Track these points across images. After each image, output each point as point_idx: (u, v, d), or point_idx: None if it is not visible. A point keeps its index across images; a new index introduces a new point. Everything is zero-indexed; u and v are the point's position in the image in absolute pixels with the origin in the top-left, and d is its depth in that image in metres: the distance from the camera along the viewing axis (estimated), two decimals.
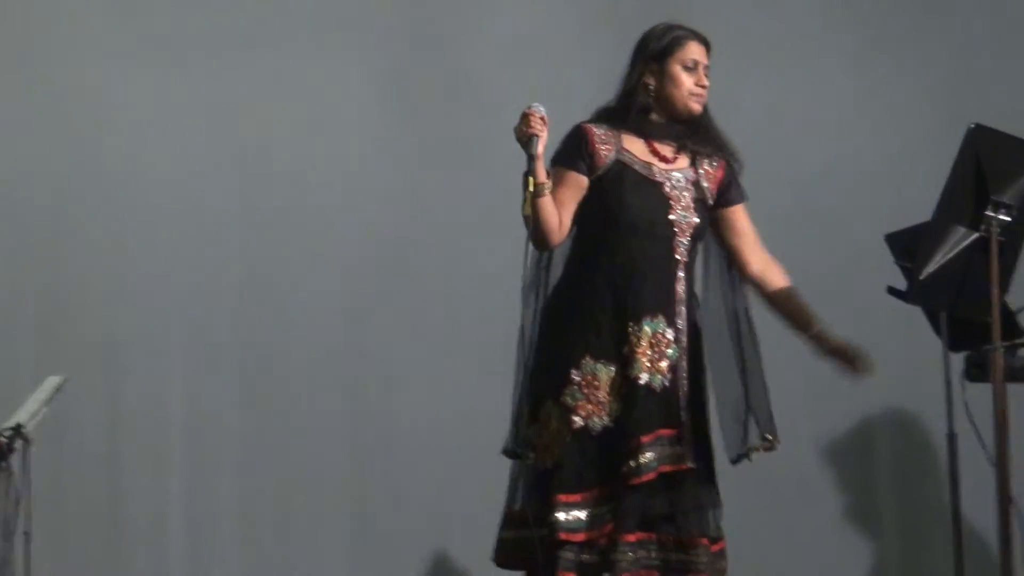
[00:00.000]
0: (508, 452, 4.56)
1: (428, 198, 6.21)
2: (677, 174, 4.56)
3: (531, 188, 4.33)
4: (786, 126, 6.62)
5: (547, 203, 4.40)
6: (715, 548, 4.54)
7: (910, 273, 4.84)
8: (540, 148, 4.35)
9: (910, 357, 6.21)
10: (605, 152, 4.52)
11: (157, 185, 6.27)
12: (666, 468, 4.41)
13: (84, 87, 6.29)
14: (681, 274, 4.52)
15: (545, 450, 4.45)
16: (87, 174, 6.27)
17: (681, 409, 4.47)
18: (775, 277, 4.69)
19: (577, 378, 4.44)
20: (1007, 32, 6.72)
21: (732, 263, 4.69)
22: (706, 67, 4.59)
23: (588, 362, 4.44)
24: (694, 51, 4.58)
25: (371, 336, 6.26)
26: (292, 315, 6.27)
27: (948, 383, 5.52)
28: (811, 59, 6.66)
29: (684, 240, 4.52)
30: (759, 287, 4.69)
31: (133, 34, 6.32)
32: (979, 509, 5.92)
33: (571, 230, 4.53)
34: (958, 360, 5.54)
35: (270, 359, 6.26)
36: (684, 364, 4.50)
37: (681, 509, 4.46)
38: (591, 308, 4.48)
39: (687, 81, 4.56)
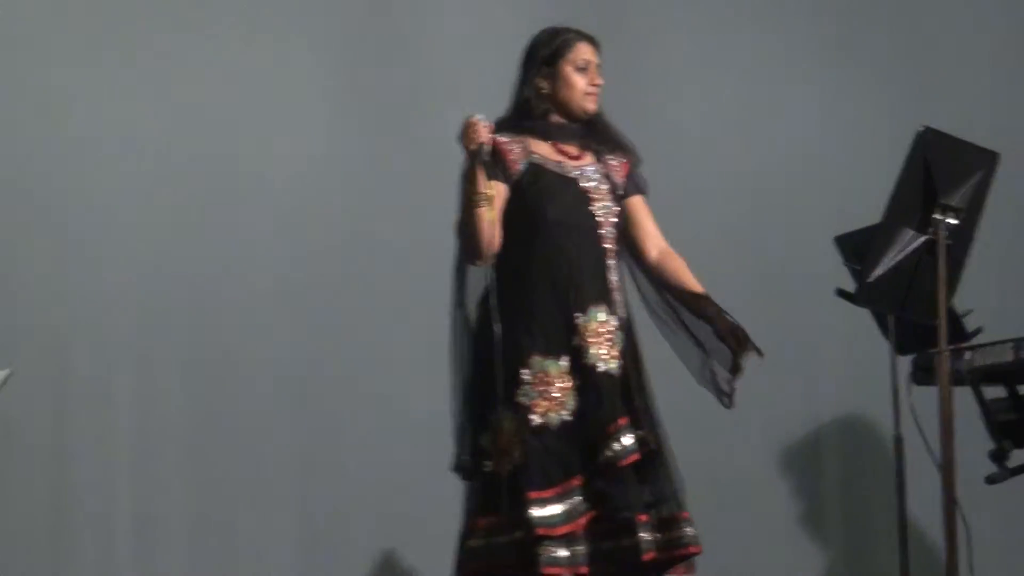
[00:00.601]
0: (457, 468, 4.56)
1: (386, 198, 6.11)
2: (588, 169, 4.64)
3: (489, 191, 4.43)
4: (736, 129, 6.61)
5: (488, 213, 4.47)
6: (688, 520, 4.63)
7: (859, 275, 4.83)
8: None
9: (858, 360, 6.26)
10: (515, 158, 4.58)
11: (108, 180, 6.14)
12: (639, 453, 4.45)
13: (38, 81, 6.16)
14: (611, 263, 4.59)
15: (502, 455, 4.42)
16: (36, 168, 6.14)
17: (633, 394, 4.52)
18: (670, 265, 4.72)
19: (528, 377, 4.45)
20: (957, 37, 6.74)
21: (631, 252, 4.73)
22: (598, 65, 4.67)
23: (537, 360, 4.46)
24: (584, 51, 4.66)
25: (324, 335, 6.17)
26: (243, 312, 6.17)
27: (895, 386, 5.52)
28: (766, 63, 6.65)
29: (609, 230, 4.60)
30: (656, 275, 4.71)
31: (91, 31, 6.20)
32: (925, 511, 5.94)
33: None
34: (905, 363, 5.53)
35: (221, 356, 6.15)
36: (627, 351, 4.55)
37: (660, 489, 4.53)
38: (532, 306, 4.50)
39: (580, 81, 4.64)
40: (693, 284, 4.69)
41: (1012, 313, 6.19)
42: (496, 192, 4.51)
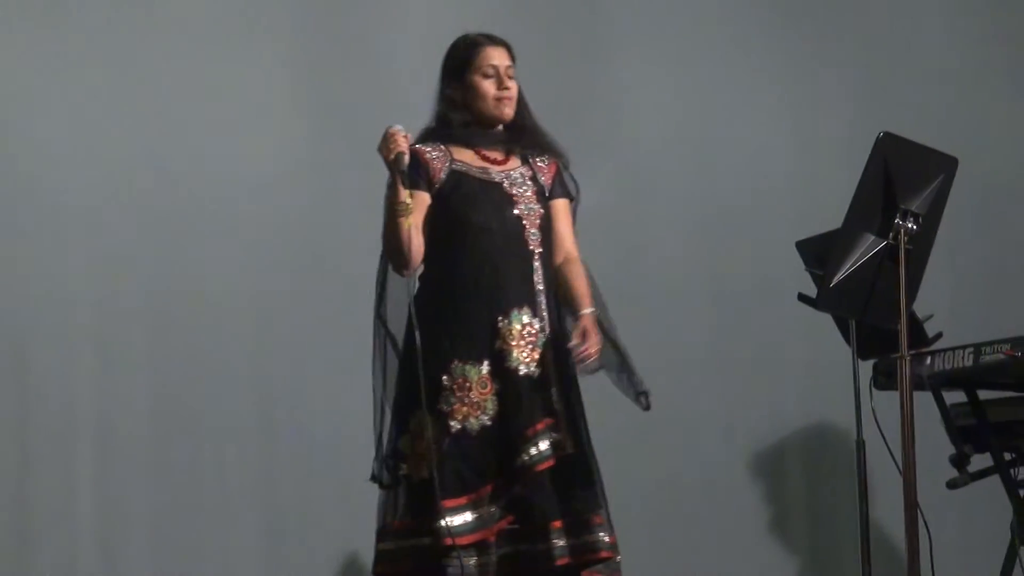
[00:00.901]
0: (375, 479, 4.56)
1: (345, 198, 6.04)
2: (514, 172, 4.63)
3: (408, 200, 4.43)
4: (700, 133, 6.62)
5: (406, 222, 4.47)
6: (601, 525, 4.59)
7: (820, 280, 4.83)
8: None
9: (820, 364, 6.26)
10: (437, 166, 4.58)
11: (66, 182, 6.08)
12: (554, 458, 4.44)
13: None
14: (538, 264, 4.57)
15: (420, 459, 4.44)
16: None
17: (554, 398, 4.49)
18: (567, 272, 4.65)
19: (448, 383, 4.45)
20: (917, 46, 6.78)
21: None
22: (508, 68, 4.63)
23: (457, 365, 4.46)
24: (491, 56, 4.63)
25: (284, 337, 6.14)
26: (204, 314, 6.13)
27: (857, 391, 5.50)
28: (728, 69, 6.66)
29: (534, 231, 4.57)
30: (557, 280, 4.65)
31: (47, 29, 6.14)
32: (887, 513, 6.00)
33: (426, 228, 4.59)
34: (867, 368, 5.55)
35: (181, 357, 6.10)
36: (551, 353, 4.52)
37: (576, 494, 4.50)
38: (455, 311, 4.51)
39: (489, 88, 4.61)
40: (583, 296, 4.60)
41: (972, 318, 6.27)
42: (419, 201, 4.52)
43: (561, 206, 4.68)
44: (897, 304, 4.58)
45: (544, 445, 4.41)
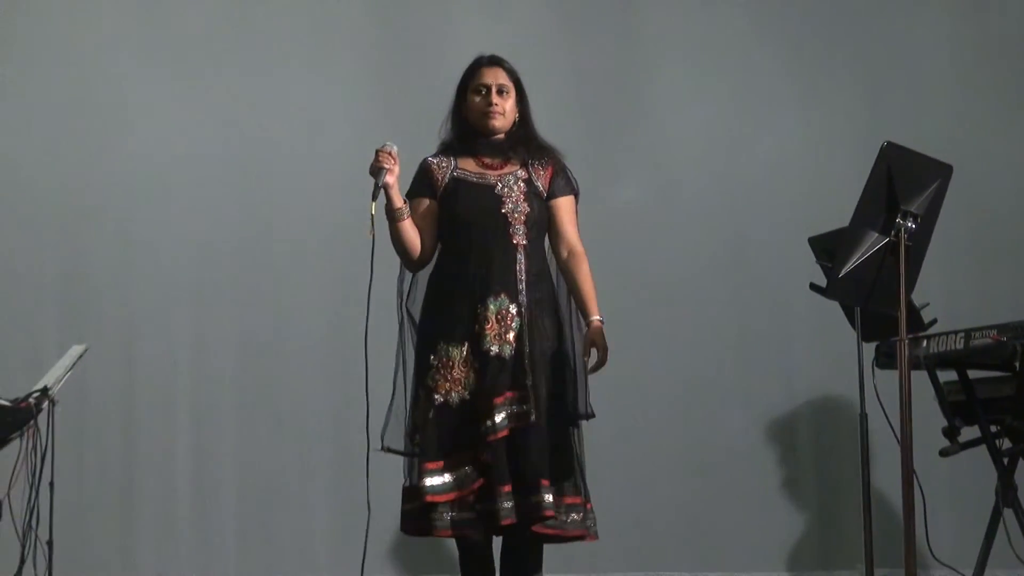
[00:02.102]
0: (387, 448, 4.61)
1: None
2: (509, 176, 4.64)
3: (400, 206, 4.54)
4: (725, 141, 6.62)
5: (406, 226, 4.59)
6: (569, 501, 4.58)
7: (829, 272, 4.82)
8: (389, 179, 4.52)
9: (828, 346, 6.26)
10: (442, 174, 4.65)
11: (169, 180, 6.27)
12: (513, 425, 4.47)
13: (107, 92, 6.29)
14: (521, 256, 4.58)
15: (414, 431, 4.53)
16: (106, 169, 6.27)
17: (526, 373, 4.50)
18: (574, 269, 4.67)
19: (435, 361, 4.51)
20: (917, 65, 6.74)
21: (551, 248, 4.72)
22: (500, 86, 4.66)
23: (443, 346, 4.53)
24: (483, 76, 4.68)
25: (356, 347, 6.10)
26: (286, 328, 6.28)
27: (861, 370, 5.50)
28: (751, 84, 6.66)
29: (520, 227, 4.59)
30: (563, 273, 4.70)
31: (151, 45, 6.31)
32: (886, 478, 6.00)
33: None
34: (870, 349, 5.53)
35: (267, 331, 6.25)
36: (526, 334, 4.52)
37: (529, 458, 4.49)
38: (444, 298, 4.57)
39: (479, 104, 4.64)
40: (589, 300, 4.62)
41: (963, 306, 6.25)
42: (420, 206, 4.63)
43: (563, 203, 4.69)
44: (897, 293, 4.56)
45: (499, 417, 4.45)
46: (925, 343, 5.29)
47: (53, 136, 6.25)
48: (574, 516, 4.58)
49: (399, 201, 4.57)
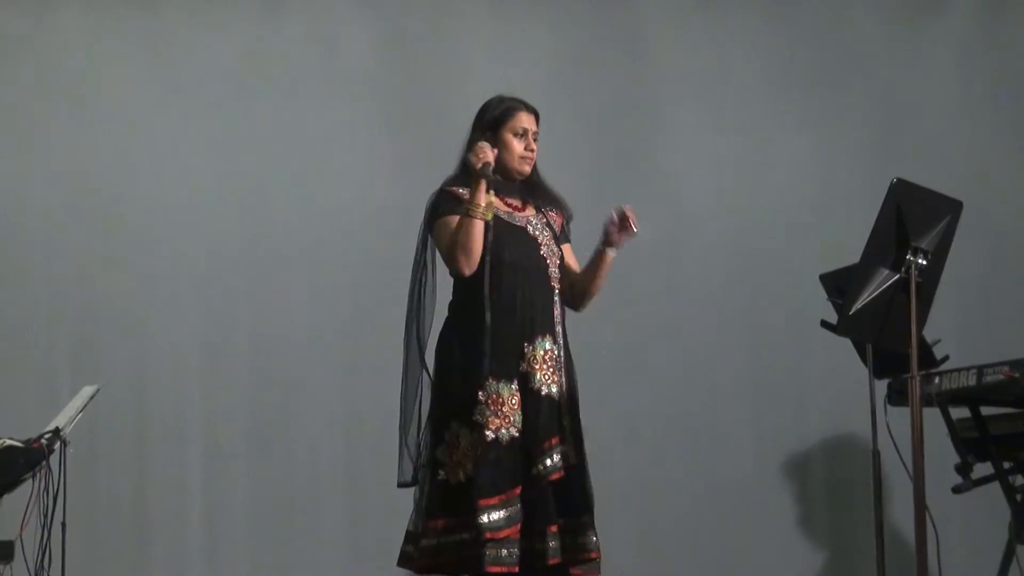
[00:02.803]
0: (406, 483, 4.60)
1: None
2: (533, 219, 4.65)
3: (488, 202, 4.47)
4: (737, 178, 6.63)
5: (482, 226, 4.52)
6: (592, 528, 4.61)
7: (841, 309, 4.80)
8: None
9: (840, 383, 6.24)
10: None
11: (181, 217, 6.28)
12: (563, 466, 4.49)
13: (118, 130, 6.30)
14: (556, 299, 4.61)
15: (457, 466, 4.49)
16: (119, 209, 6.28)
17: (564, 415, 4.55)
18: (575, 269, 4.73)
19: (483, 398, 4.47)
20: (927, 103, 6.74)
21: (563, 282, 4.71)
22: (535, 134, 4.66)
23: (491, 383, 4.48)
24: (524, 120, 4.64)
25: (365, 358, 6.22)
26: (296, 338, 6.27)
27: (873, 407, 5.50)
28: (762, 122, 6.67)
29: (554, 270, 4.62)
30: (574, 286, 4.69)
31: (160, 78, 6.33)
32: (899, 515, 6.03)
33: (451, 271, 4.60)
34: (882, 386, 5.53)
35: (275, 375, 6.25)
36: (564, 376, 4.57)
37: (575, 502, 4.52)
38: (489, 335, 4.50)
39: (517, 146, 4.63)
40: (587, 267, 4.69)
41: (975, 343, 6.19)
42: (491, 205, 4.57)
43: (568, 248, 4.73)
44: (908, 330, 4.55)
45: (556, 458, 4.47)
46: (937, 380, 5.28)
47: (66, 174, 6.26)
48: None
49: (484, 197, 4.53)
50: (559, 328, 4.60)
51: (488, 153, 4.49)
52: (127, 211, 6.28)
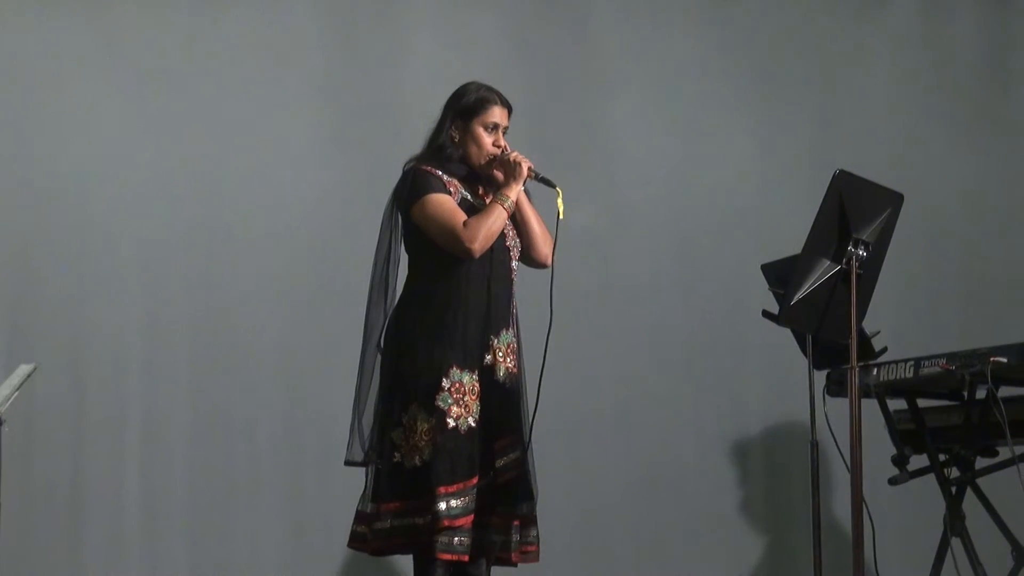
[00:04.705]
0: (355, 462, 4.58)
1: (359, 220, 6.04)
2: None
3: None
4: (677, 167, 6.61)
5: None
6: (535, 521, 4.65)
7: (782, 299, 4.80)
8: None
9: (780, 373, 6.28)
10: (453, 190, 4.58)
11: (120, 201, 6.18)
12: (515, 467, 4.50)
13: (56, 111, 6.19)
14: (515, 289, 4.62)
15: (414, 450, 4.46)
16: (55, 189, 6.16)
17: (520, 404, 4.59)
18: None
19: (447, 385, 4.45)
20: (868, 94, 6.75)
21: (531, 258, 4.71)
22: (505, 128, 4.64)
23: (455, 371, 4.47)
24: (496, 115, 4.63)
25: (306, 346, 6.19)
26: (236, 327, 6.19)
27: (812, 397, 5.49)
28: (703, 111, 6.65)
29: (516, 264, 4.62)
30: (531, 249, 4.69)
31: (103, 65, 6.23)
32: (836, 506, 6.06)
33: (419, 250, 4.58)
34: (821, 377, 5.55)
35: (215, 357, 6.16)
36: (522, 367, 4.61)
37: (522, 494, 4.53)
38: (456, 324, 4.50)
39: (486, 140, 4.61)
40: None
41: (913, 335, 6.25)
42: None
43: None
44: (848, 321, 4.56)
45: (513, 455, 4.49)
46: (875, 371, 5.31)
47: (5, 156, 6.14)
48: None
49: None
50: (515, 319, 4.61)
51: (525, 159, 4.54)
52: (63, 193, 6.17)
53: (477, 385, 4.48)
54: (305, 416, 6.13)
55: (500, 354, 4.53)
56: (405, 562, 4.71)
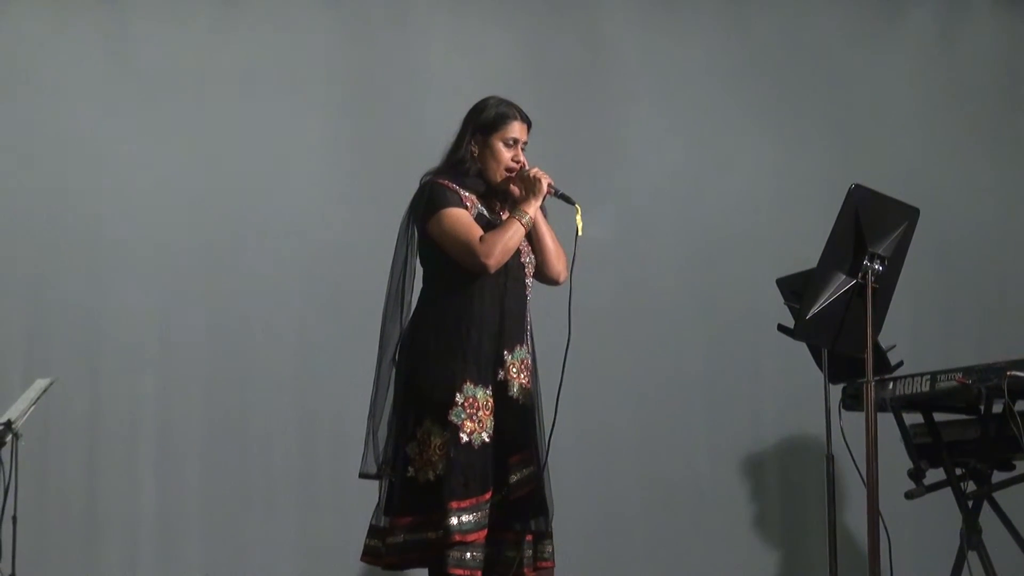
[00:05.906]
0: (369, 475, 4.55)
1: (372, 229, 5.97)
2: None
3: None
4: (695, 180, 6.62)
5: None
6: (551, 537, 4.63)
7: (797, 313, 4.78)
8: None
9: (796, 387, 6.24)
10: (470, 205, 4.55)
11: (136, 214, 6.21)
12: (527, 483, 4.49)
13: (72, 125, 6.22)
14: (529, 306, 4.60)
15: (427, 464, 4.45)
16: (73, 203, 6.20)
17: (535, 420, 4.57)
18: None
19: (460, 400, 4.43)
20: (886, 109, 6.75)
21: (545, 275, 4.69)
22: (524, 143, 4.61)
23: (469, 386, 4.45)
24: (516, 130, 4.59)
25: (320, 353, 6.21)
26: (251, 334, 6.22)
27: (828, 411, 5.46)
28: (721, 124, 6.66)
29: (530, 280, 4.60)
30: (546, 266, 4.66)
31: (117, 77, 6.26)
32: (852, 519, 6.04)
33: (435, 264, 4.55)
34: (837, 391, 5.52)
35: (230, 370, 6.19)
36: (536, 384, 4.60)
37: (535, 508, 4.52)
38: (470, 339, 4.48)
39: (505, 156, 4.57)
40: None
41: (930, 349, 6.26)
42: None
43: None
44: (864, 335, 4.55)
45: (527, 471, 4.47)
46: (891, 385, 5.30)
47: (17, 169, 6.18)
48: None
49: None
50: (530, 336, 4.59)
51: (545, 175, 4.51)
52: (81, 207, 6.21)
53: (491, 400, 4.46)
54: (319, 428, 6.14)
55: (514, 370, 4.51)
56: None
